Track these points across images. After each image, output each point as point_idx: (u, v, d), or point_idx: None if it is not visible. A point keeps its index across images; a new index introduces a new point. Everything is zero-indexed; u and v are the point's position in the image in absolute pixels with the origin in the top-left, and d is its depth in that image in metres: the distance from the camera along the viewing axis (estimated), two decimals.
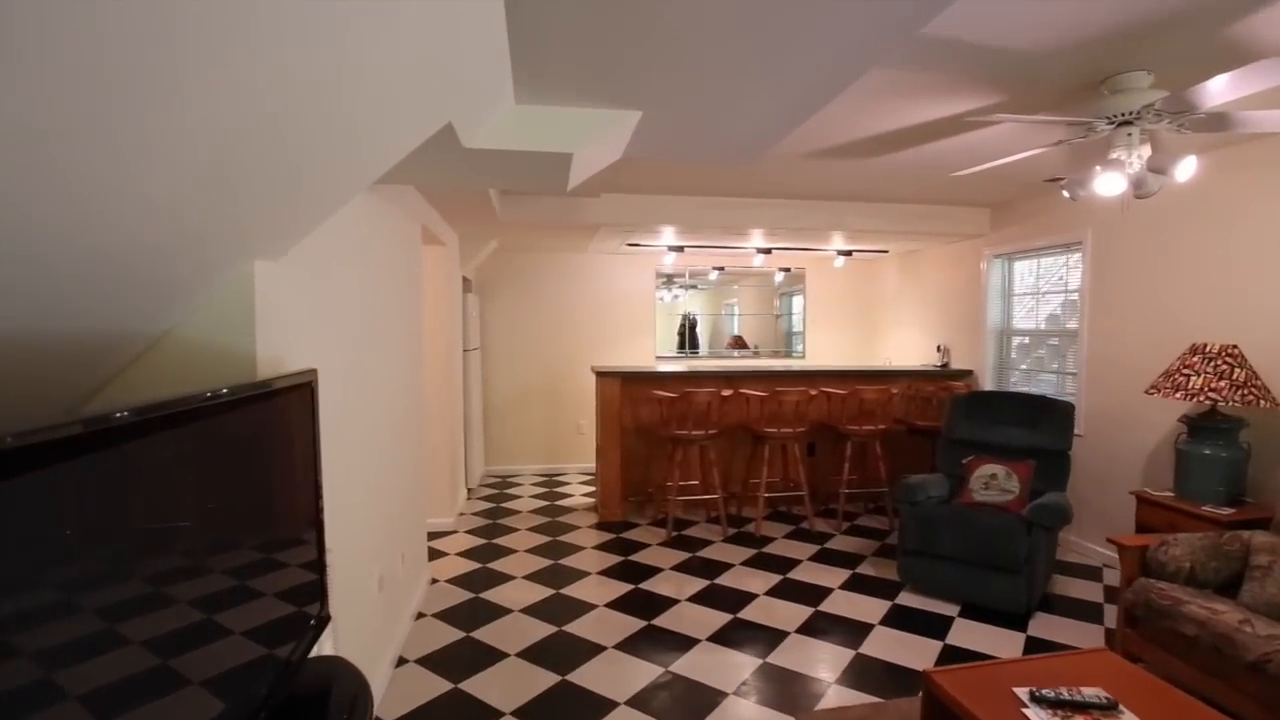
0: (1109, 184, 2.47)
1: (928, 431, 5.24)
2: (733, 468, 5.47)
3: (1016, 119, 2.38)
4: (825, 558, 4.41)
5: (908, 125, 3.06)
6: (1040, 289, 5.11)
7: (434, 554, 4.42)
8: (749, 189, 4.79)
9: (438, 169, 2.22)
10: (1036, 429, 4.04)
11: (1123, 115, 2.45)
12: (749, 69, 1.81)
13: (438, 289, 4.86)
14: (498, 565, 4.23)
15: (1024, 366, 5.30)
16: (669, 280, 7.26)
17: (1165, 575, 2.68)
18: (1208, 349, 3.25)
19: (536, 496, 5.98)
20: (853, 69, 1.88)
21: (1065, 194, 2.77)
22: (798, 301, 7.57)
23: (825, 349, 7.47)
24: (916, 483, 3.94)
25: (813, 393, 5.07)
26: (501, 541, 4.70)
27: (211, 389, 1.14)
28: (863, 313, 7.55)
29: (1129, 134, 2.49)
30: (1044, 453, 3.97)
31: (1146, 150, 2.55)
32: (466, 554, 4.44)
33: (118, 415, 0.87)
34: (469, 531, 4.92)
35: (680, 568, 4.23)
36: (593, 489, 6.17)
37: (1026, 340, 5.30)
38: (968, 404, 4.37)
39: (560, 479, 6.66)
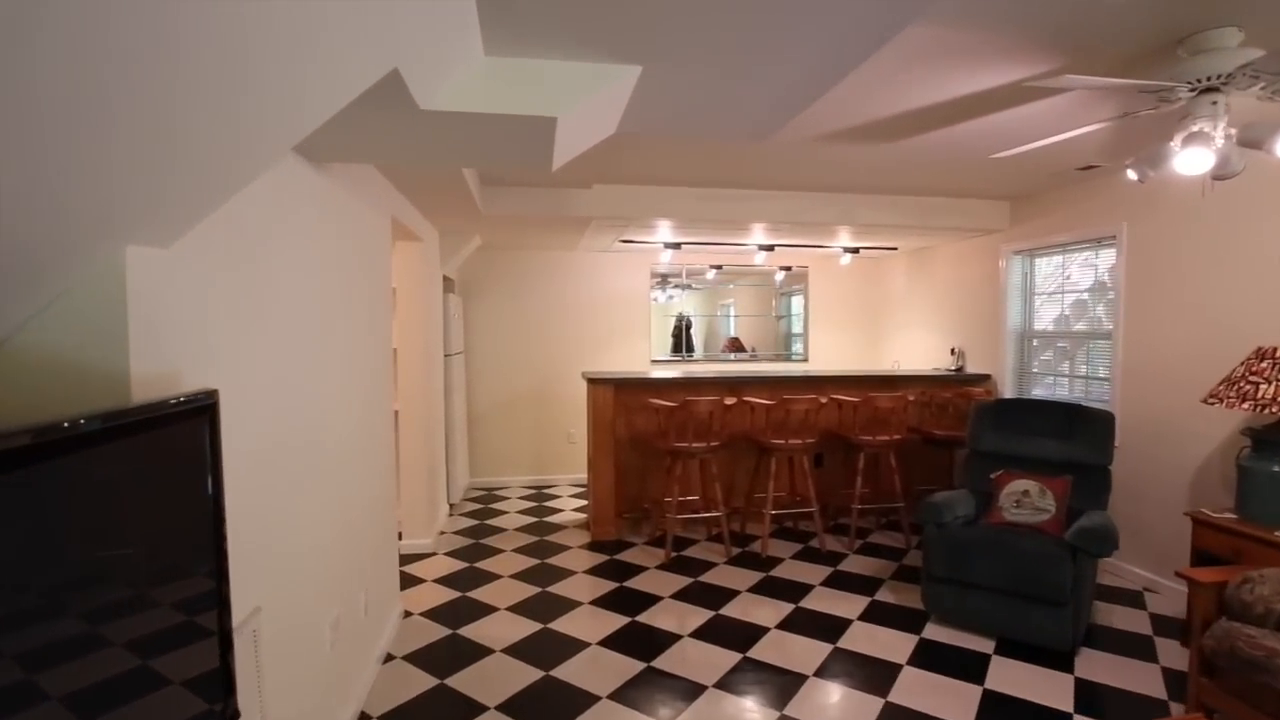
0: (1193, 161, 2.09)
1: (945, 441, 4.87)
2: (735, 481, 5.08)
3: (1087, 81, 2.01)
4: (839, 582, 4.03)
5: (945, 99, 2.67)
6: (1064, 287, 4.75)
7: (409, 581, 4.00)
8: (752, 180, 4.40)
9: (393, 138, 1.82)
10: (1073, 441, 3.66)
11: (1208, 80, 2.08)
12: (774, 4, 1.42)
13: (415, 289, 4.45)
14: (479, 594, 3.82)
15: (1034, 369, 4.95)
16: (663, 280, 6.86)
17: (1250, 618, 2.31)
18: (1278, 354, 2.89)
19: (524, 512, 5.56)
20: (902, 10, 1.49)
21: (1132, 175, 2.39)
22: (797, 302, 7.19)
23: (827, 351, 7.10)
24: (942, 501, 3.55)
25: (823, 400, 4.68)
26: (484, 565, 4.29)
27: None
28: (867, 313, 7.18)
29: (1213, 102, 2.11)
30: (1082, 467, 3.60)
31: (1225, 122, 2.18)
32: (445, 580, 4.02)
33: None
34: (449, 553, 4.50)
35: (681, 595, 3.83)
36: (584, 503, 5.76)
37: (1035, 343, 4.95)
38: (995, 413, 3.99)
39: (550, 491, 6.25)
